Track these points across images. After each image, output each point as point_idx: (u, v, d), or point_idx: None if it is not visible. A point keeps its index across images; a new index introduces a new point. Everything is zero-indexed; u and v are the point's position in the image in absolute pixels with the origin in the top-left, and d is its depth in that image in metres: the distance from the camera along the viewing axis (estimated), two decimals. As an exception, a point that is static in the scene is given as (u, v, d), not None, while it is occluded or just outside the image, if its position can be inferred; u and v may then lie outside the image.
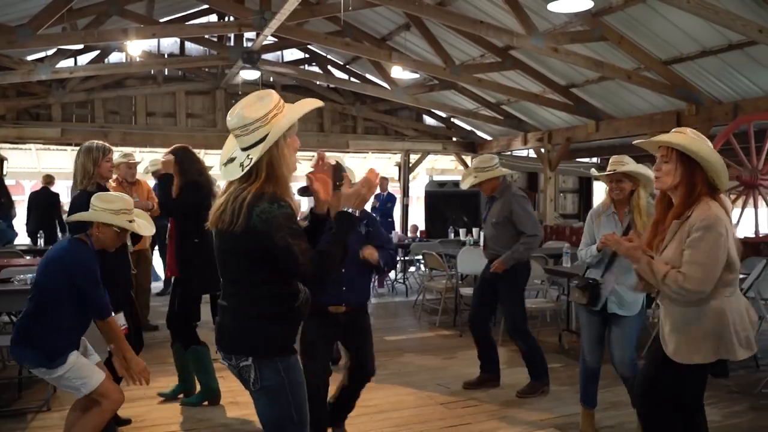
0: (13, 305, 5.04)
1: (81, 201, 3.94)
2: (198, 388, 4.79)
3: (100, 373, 3.43)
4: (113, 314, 3.51)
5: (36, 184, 16.18)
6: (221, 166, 2.42)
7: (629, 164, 3.95)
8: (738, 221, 8.73)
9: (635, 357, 4.02)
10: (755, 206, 7.81)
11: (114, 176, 6.35)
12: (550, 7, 6.42)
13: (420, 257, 9.59)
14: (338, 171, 2.72)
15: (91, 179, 4.21)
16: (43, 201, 10.22)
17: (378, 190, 11.65)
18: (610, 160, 4.06)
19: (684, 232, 2.73)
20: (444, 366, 5.87)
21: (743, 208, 8.09)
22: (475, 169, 5.18)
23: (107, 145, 4.31)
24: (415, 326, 7.72)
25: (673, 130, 2.91)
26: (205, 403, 4.71)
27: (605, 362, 4.11)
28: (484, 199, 11.76)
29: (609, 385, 4.73)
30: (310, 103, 2.45)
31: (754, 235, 8.23)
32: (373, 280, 6.57)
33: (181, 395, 4.83)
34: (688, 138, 2.77)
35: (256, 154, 2.28)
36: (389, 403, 4.74)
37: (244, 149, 2.34)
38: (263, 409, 2.42)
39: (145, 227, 3.74)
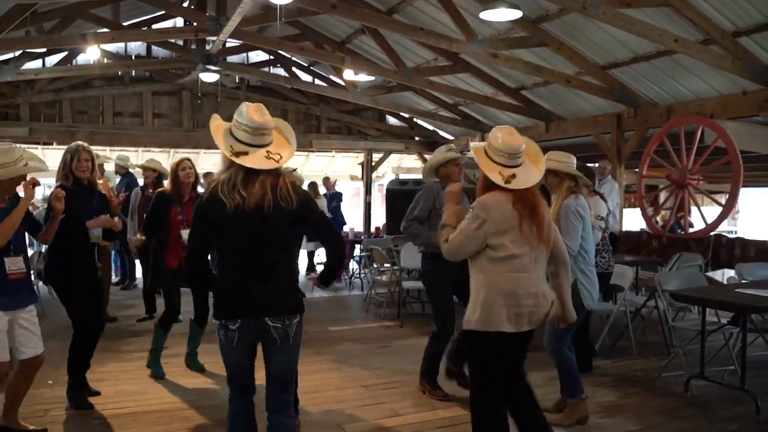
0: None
1: None
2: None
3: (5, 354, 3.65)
4: None
5: None
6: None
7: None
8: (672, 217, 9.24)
9: (559, 345, 4.29)
10: (685, 205, 8.24)
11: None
12: (483, 15, 6.80)
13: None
14: None
15: (67, 176, 4.47)
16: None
17: (324, 189, 12.12)
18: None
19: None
20: (377, 353, 6.26)
21: (675, 206, 8.54)
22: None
23: (84, 145, 4.56)
24: (362, 318, 8.12)
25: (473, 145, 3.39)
26: None
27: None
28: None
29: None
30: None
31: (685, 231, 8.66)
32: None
33: None
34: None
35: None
36: (315, 384, 5.11)
37: (265, 146, 2.91)
38: (291, 358, 3.00)
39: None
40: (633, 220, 11.92)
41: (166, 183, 5.54)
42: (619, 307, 6.26)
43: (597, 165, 8.94)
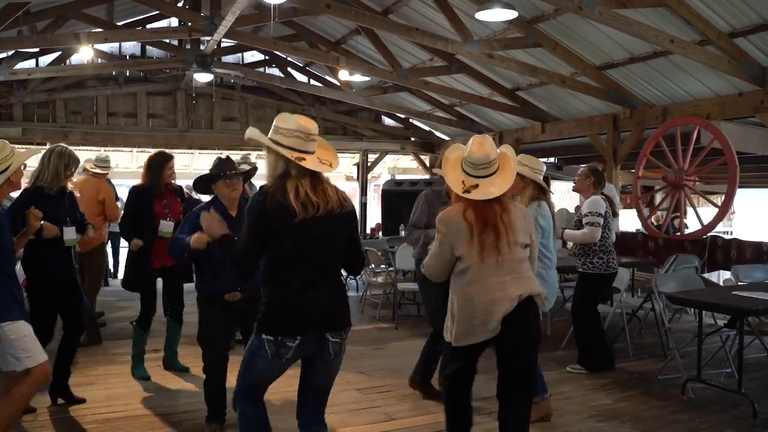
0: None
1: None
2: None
3: (44, 354, 3.66)
4: None
5: None
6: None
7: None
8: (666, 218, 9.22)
9: None
10: (681, 206, 8.21)
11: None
12: (478, 15, 6.75)
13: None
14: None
15: (53, 181, 4.44)
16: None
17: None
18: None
19: None
20: (371, 355, 6.23)
21: (671, 207, 8.51)
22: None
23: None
24: (357, 319, 7.99)
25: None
26: None
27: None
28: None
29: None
30: None
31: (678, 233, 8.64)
32: None
33: None
34: None
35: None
36: None
37: (313, 153, 2.87)
38: (337, 370, 2.97)
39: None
40: (628, 221, 11.92)
41: (140, 177, 5.35)
42: (615, 309, 6.23)
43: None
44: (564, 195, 15.43)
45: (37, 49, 10.31)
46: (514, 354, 3.28)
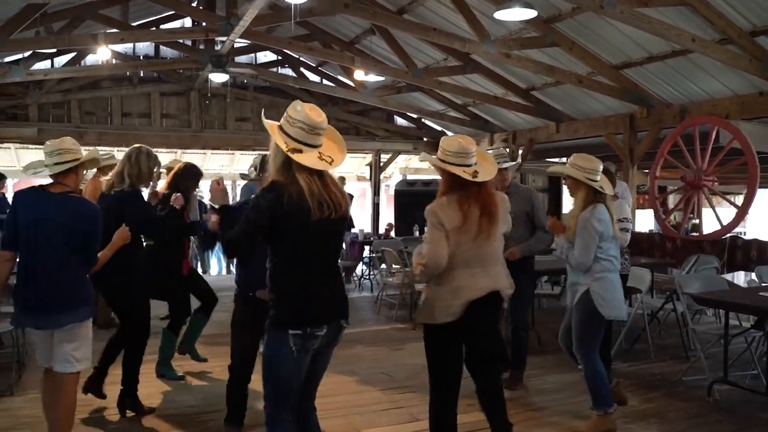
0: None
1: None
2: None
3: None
4: None
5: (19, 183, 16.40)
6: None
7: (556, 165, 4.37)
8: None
9: (587, 351, 4.22)
10: (699, 206, 8.17)
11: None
12: (497, 15, 6.73)
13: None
14: None
15: (144, 181, 4.51)
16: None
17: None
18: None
19: None
20: (390, 356, 6.21)
21: (687, 207, 8.47)
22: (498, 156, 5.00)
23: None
24: (373, 320, 8.06)
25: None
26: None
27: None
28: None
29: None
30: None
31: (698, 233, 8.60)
32: None
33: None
34: None
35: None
36: (329, 389, 4.97)
37: (317, 147, 2.85)
38: (329, 360, 3.03)
39: None
40: (642, 222, 11.87)
41: (163, 184, 5.25)
42: (636, 309, 6.19)
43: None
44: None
45: (53, 50, 10.34)
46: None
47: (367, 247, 11.20)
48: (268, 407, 2.91)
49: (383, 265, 8.82)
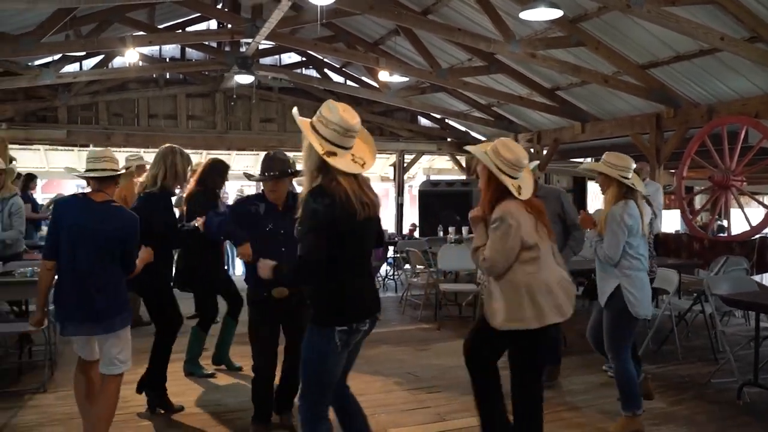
0: (15, 295, 5.55)
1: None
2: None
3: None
4: None
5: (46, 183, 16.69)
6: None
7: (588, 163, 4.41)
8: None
9: (618, 348, 4.19)
10: (727, 206, 8.07)
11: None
12: (522, 15, 6.72)
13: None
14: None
15: (180, 181, 4.57)
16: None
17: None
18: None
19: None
20: (416, 356, 6.22)
21: (715, 208, 8.36)
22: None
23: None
24: (398, 320, 8.07)
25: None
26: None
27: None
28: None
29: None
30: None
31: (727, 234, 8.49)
32: None
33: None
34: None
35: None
36: (357, 388, 4.89)
37: (349, 149, 2.89)
38: (360, 348, 3.15)
39: None
40: (669, 222, 11.73)
41: (191, 185, 5.23)
42: (663, 311, 6.14)
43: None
44: (597, 196, 15.25)
45: (83, 53, 10.53)
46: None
47: (391, 248, 11.21)
48: (306, 404, 2.97)
49: (407, 266, 8.82)
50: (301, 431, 3.07)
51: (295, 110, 3.02)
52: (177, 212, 5.21)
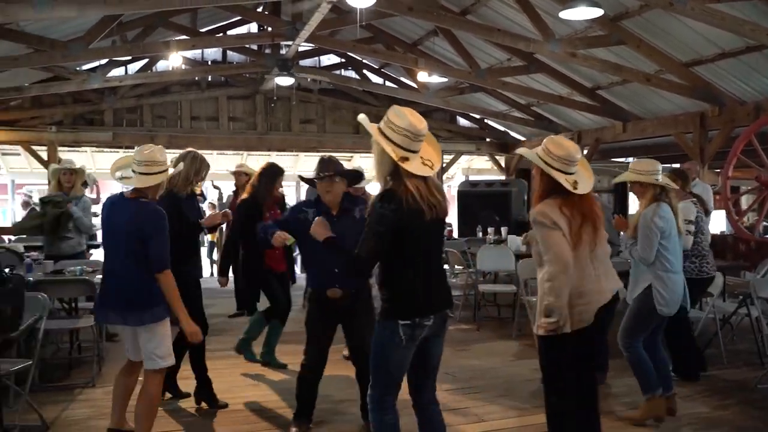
0: (65, 293, 5.74)
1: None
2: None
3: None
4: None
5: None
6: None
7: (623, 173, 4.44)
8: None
9: (630, 340, 4.33)
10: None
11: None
12: (562, 14, 6.66)
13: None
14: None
15: (190, 185, 4.61)
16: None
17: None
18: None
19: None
20: (455, 357, 6.21)
21: (763, 209, 8.15)
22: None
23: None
24: (437, 320, 8.07)
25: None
26: None
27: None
28: (516, 199, 12.17)
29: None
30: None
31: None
32: None
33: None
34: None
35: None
36: None
37: (418, 153, 2.93)
38: (441, 351, 3.18)
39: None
40: (714, 223, 11.47)
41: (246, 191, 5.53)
42: (707, 314, 6.03)
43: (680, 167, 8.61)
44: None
45: (129, 58, 10.80)
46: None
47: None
48: (374, 393, 3.10)
49: (446, 266, 8.81)
50: (369, 419, 3.23)
51: (362, 116, 3.08)
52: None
